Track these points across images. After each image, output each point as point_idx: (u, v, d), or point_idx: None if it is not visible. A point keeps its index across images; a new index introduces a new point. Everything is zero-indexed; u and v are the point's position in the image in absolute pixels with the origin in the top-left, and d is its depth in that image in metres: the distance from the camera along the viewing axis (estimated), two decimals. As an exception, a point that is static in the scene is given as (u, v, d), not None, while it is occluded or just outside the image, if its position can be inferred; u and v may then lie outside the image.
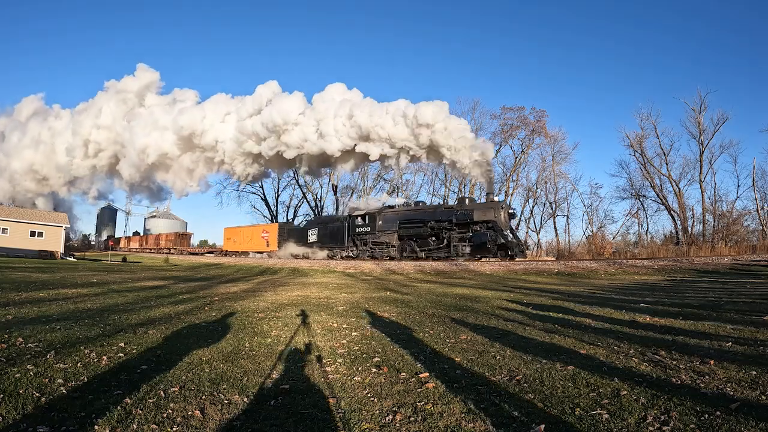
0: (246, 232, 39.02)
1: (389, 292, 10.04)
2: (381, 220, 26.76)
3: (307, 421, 2.54)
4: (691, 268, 14.57)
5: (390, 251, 25.83)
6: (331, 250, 29.37)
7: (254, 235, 37.26)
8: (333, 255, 29.13)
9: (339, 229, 29.02)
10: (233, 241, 40.01)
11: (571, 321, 5.73)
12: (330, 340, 4.72)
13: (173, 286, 11.41)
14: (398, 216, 26.05)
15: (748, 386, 2.92)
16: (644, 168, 39.61)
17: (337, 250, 28.81)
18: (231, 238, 40.46)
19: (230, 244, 40.47)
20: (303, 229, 33.04)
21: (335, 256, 28.87)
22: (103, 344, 4.22)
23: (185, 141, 34.70)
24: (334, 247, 29.18)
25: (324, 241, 30.01)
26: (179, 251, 46.90)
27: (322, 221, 32.12)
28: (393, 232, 25.83)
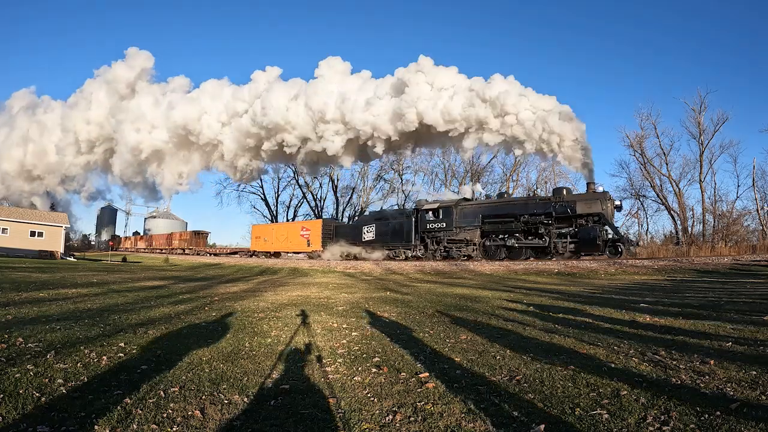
0: (280, 231, 34.98)
1: (389, 292, 10.04)
2: (458, 215, 23.21)
3: (307, 421, 2.54)
4: (691, 268, 14.57)
5: (468, 250, 22.54)
6: (392, 249, 25.86)
7: (291, 234, 33.31)
8: (395, 255, 25.70)
9: (403, 226, 25.37)
10: (264, 240, 35.73)
11: (571, 321, 5.73)
12: (330, 340, 4.72)
13: (173, 286, 11.41)
14: (481, 209, 22.72)
15: (748, 386, 2.92)
16: (644, 168, 39.59)
17: (401, 249, 25.39)
18: (261, 237, 36.11)
19: (259, 243, 36.05)
20: (355, 226, 29.52)
21: (397, 256, 25.45)
22: (103, 344, 4.22)
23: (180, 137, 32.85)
24: (396, 246, 25.68)
25: (383, 239, 26.36)
26: (195, 251, 43.22)
27: (381, 216, 28.11)
28: (474, 228, 22.51)
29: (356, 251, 27.84)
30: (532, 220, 20.57)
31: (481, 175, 46.76)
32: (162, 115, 32.69)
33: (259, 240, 36.21)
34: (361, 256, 27.21)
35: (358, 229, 28.67)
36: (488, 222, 22.14)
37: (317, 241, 30.70)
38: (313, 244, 31.03)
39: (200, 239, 45.35)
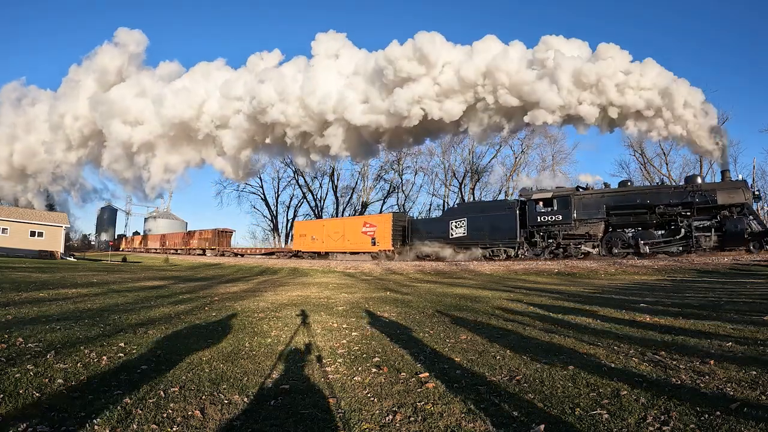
0: (335, 227, 29.96)
1: (389, 292, 10.04)
2: (577, 206, 19.87)
3: (307, 421, 2.54)
4: (691, 268, 14.56)
5: (588, 247, 19.46)
6: (490, 248, 21.92)
7: (349, 231, 28.39)
8: (493, 255, 21.74)
9: (504, 220, 21.51)
10: (311, 239, 30.91)
11: (571, 321, 5.73)
12: (330, 340, 4.72)
13: (173, 286, 11.41)
14: (605, 199, 19.52)
15: (748, 386, 2.92)
16: (644, 168, 39.67)
17: (501, 247, 21.55)
18: (306, 235, 31.39)
19: (305, 242, 31.33)
20: (440, 221, 25.10)
21: (496, 256, 21.52)
22: (103, 344, 4.22)
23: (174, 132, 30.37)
24: (495, 244, 21.77)
25: (478, 235, 22.33)
26: (219, 252, 39.13)
27: (475, 208, 23.99)
28: (598, 222, 19.42)
29: (441, 251, 23.50)
30: (668, 212, 17.93)
31: (481, 175, 46.79)
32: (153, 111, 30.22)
33: (304, 238, 31.36)
34: (447, 257, 22.94)
35: (443, 224, 24.12)
36: (615, 214, 19.05)
37: (386, 240, 25.95)
38: (380, 243, 26.17)
39: (224, 239, 40.69)
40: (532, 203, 20.77)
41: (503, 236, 21.50)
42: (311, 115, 26.54)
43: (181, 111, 28.98)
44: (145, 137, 30.64)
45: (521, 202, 21.39)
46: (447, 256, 23.02)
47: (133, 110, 30.25)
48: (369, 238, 26.98)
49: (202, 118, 29.76)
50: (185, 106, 28.94)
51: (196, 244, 41.81)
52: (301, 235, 31.83)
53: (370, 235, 27.02)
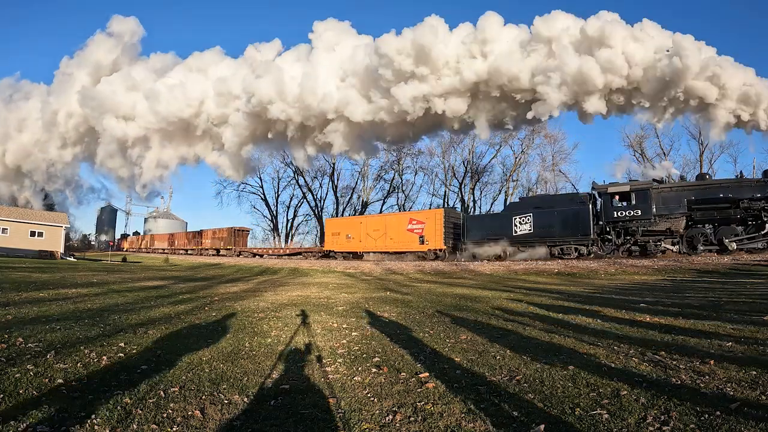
0: (375, 224, 26.92)
1: (389, 292, 10.04)
2: (656, 200, 18.41)
3: (307, 421, 2.54)
4: (691, 268, 14.56)
5: (668, 243, 18.19)
6: (559, 245, 19.99)
7: (392, 228, 25.64)
8: (561, 253, 19.83)
9: (576, 214, 19.62)
10: (346, 237, 28.01)
11: (571, 321, 5.73)
12: (330, 340, 4.72)
13: (173, 286, 11.41)
14: (685, 193, 18.21)
15: (748, 386, 2.92)
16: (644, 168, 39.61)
17: (572, 245, 19.67)
18: (340, 234, 28.44)
19: (338, 242, 28.43)
20: (500, 217, 22.80)
21: (566, 255, 19.63)
22: (103, 344, 4.22)
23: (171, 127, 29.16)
24: (565, 241, 19.85)
25: (546, 232, 20.45)
26: (235, 252, 36.59)
27: (542, 202, 21.84)
28: (678, 217, 18.09)
29: (502, 250, 21.48)
30: (753, 206, 16.81)
31: (481, 175, 46.80)
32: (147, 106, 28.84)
33: (337, 237, 28.48)
34: (510, 257, 21.06)
35: (505, 220, 21.96)
36: (697, 208, 17.79)
37: (437, 238, 23.49)
38: (431, 241, 23.70)
39: (240, 238, 38.01)
40: (608, 197, 19.13)
41: (575, 233, 19.63)
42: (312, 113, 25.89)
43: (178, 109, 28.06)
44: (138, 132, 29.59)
45: (593, 196, 19.95)
46: (510, 255, 21.14)
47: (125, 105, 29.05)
48: (416, 236, 24.32)
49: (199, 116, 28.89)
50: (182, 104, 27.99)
51: (209, 244, 39.12)
52: (334, 234, 28.76)
53: (417, 233, 24.33)
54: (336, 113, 25.42)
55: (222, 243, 37.95)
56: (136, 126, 29.34)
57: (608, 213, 19.13)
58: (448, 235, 23.56)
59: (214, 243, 38.85)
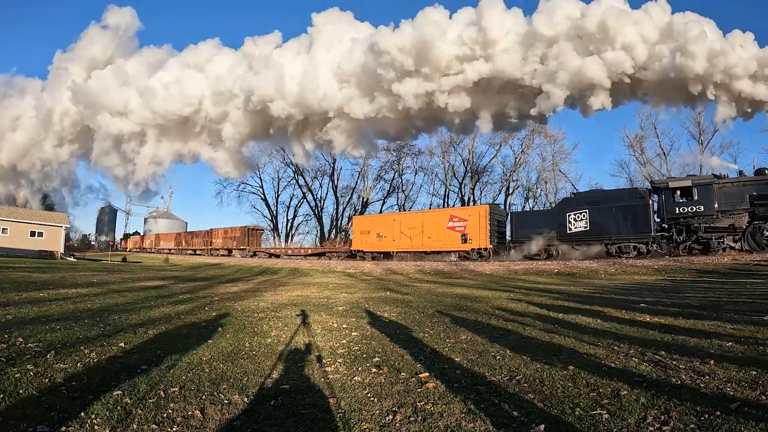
0: (410, 222, 24.99)
1: (389, 292, 10.04)
2: (719, 195, 17.58)
3: (307, 421, 2.54)
4: (691, 268, 14.56)
5: (729, 240, 17.35)
6: (617, 243, 18.84)
7: (431, 226, 23.82)
8: (619, 252, 18.74)
9: (635, 211, 18.55)
10: (377, 236, 26.02)
11: (571, 321, 5.73)
12: (330, 340, 4.72)
13: (173, 286, 11.41)
14: (747, 188, 17.36)
15: (748, 386, 2.92)
16: (644, 168, 39.63)
17: (631, 243, 18.56)
18: (371, 232, 26.45)
19: (368, 241, 26.42)
20: (553, 213, 21.34)
21: (625, 253, 18.58)
22: (103, 344, 4.22)
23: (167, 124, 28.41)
24: (622, 239, 18.71)
25: (602, 230, 19.25)
26: (249, 252, 35.03)
27: (598, 198, 20.46)
28: (741, 213, 17.21)
29: (555, 249, 20.21)
30: None
31: (481, 175, 46.80)
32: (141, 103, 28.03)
33: (367, 236, 26.52)
34: (564, 256, 19.78)
35: (558, 216, 20.50)
36: (760, 204, 16.86)
37: (481, 236, 21.82)
38: (474, 240, 22.01)
39: (254, 237, 36.28)
40: (668, 192, 18.15)
41: (633, 230, 18.55)
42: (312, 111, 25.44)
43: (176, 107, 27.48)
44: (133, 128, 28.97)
45: (653, 191, 19.00)
46: (564, 254, 19.88)
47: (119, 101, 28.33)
48: (458, 234, 22.55)
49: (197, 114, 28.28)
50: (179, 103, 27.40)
51: (220, 244, 37.38)
52: (363, 233, 26.74)
53: (459, 230, 22.55)
54: (337, 111, 25.02)
55: (235, 243, 36.20)
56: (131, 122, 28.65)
57: (669, 209, 18.11)
58: (493, 233, 22.14)
59: (225, 243, 37.21)
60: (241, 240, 35.72)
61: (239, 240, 35.91)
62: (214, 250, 38.07)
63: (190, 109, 27.92)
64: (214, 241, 38.72)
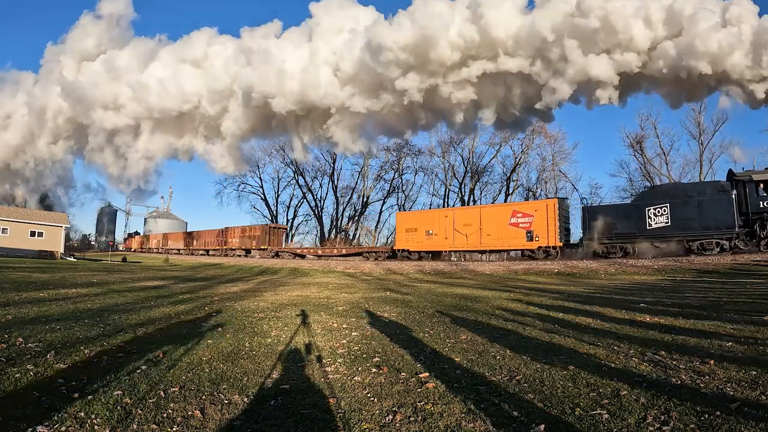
0: (466, 218, 22.66)
1: (389, 292, 10.04)
2: None
3: (307, 421, 2.54)
4: (691, 268, 14.56)
5: None
6: (699, 239, 17.51)
7: (490, 222, 21.55)
8: (703, 249, 17.42)
9: (717, 205, 17.19)
10: (426, 234, 23.76)
11: (571, 321, 5.73)
12: (330, 340, 4.72)
13: (173, 286, 11.41)
14: None
15: (748, 386, 2.92)
16: (644, 168, 39.63)
17: (715, 239, 17.26)
18: (418, 230, 24.14)
19: (416, 239, 24.16)
20: (630, 208, 19.53)
21: (707, 250, 17.30)
22: (103, 344, 4.22)
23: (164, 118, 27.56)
24: (704, 236, 17.40)
25: (684, 225, 17.72)
26: (272, 252, 32.34)
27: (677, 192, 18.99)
28: None
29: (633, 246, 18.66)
30: None
31: (481, 175, 46.79)
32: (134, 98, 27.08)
33: (413, 234, 24.23)
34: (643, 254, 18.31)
35: (636, 211, 18.83)
36: None
37: (549, 233, 19.85)
38: (540, 237, 20.05)
39: (275, 236, 33.76)
40: (752, 186, 17.04)
41: (716, 226, 17.26)
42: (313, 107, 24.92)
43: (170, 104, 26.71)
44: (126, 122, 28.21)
45: (737, 184, 17.75)
46: (643, 252, 18.32)
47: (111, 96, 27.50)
48: (522, 231, 20.57)
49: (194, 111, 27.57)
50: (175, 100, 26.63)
51: (238, 244, 34.93)
52: (409, 230, 24.37)
53: (524, 227, 20.55)
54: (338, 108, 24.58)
55: (254, 242, 33.49)
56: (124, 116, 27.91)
57: (753, 204, 16.88)
58: (562, 230, 20.29)
59: (243, 242, 34.73)
60: (262, 239, 33.14)
61: (259, 239, 33.28)
62: (230, 251, 35.68)
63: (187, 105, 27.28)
64: (230, 241, 36.22)
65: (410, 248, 24.44)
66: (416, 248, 24.30)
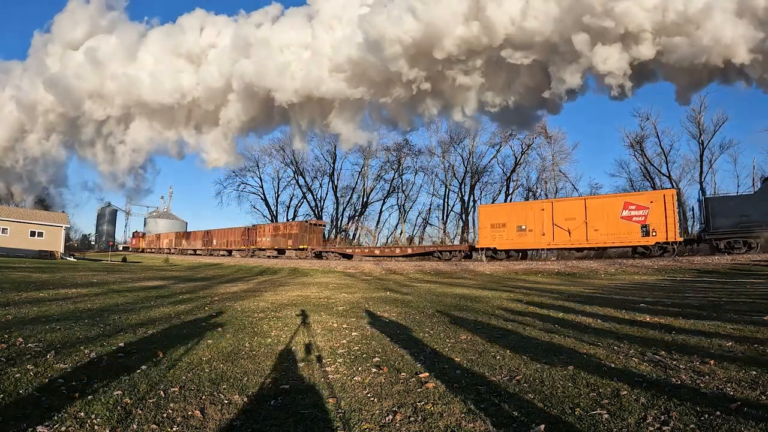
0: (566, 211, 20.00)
1: (389, 292, 10.04)
2: None
3: (307, 421, 2.54)
4: (691, 268, 14.56)
5: None
6: None
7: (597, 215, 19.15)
8: None
9: None
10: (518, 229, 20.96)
11: (571, 321, 5.73)
12: (330, 340, 4.72)
13: (173, 286, 11.41)
14: None
15: (748, 386, 2.92)
16: (644, 168, 39.61)
17: None
18: (507, 225, 21.24)
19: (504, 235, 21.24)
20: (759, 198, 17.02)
21: None
22: (103, 344, 4.22)
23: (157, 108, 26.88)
24: None
25: None
26: (313, 252, 28.96)
27: None
28: None
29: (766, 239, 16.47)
30: None
31: (481, 175, 46.78)
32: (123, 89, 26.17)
33: (501, 230, 21.27)
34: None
35: None
36: None
37: (669, 227, 17.65)
38: (658, 232, 17.77)
39: (315, 234, 30.24)
40: None
41: None
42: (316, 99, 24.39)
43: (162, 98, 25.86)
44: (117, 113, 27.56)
45: None
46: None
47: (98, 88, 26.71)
48: (636, 225, 18.28)
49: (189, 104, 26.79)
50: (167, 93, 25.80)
51: (269, 243, 31.26)
52: (496, 226, 21.33)
53: (638, 221, 18.22)
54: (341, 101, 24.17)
55: (290, 241, 29.67)
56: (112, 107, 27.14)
57: None
58: (681, 224, 18.25)
59: (275, 242, 30.90)
60: (299, 238, 29.28)
61: (296, 238, 29.34)
62: (259, 251, 31.96)
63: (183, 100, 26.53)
64: (260, 240, 32.34)
65: (497, 246, 21.33)
66: (505, 246, 21.19)
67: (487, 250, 21.68)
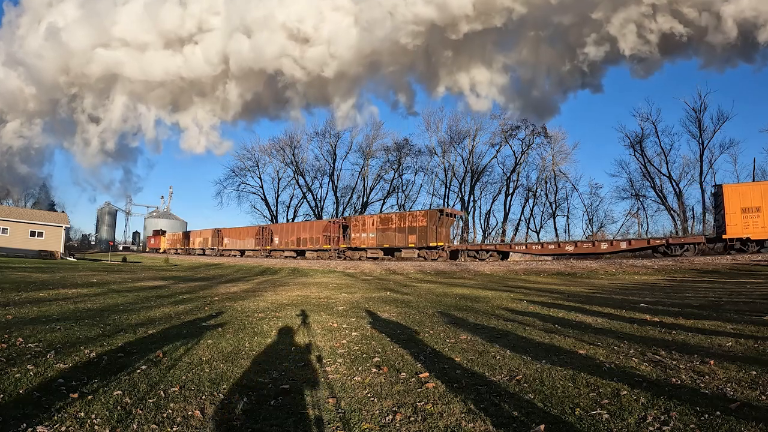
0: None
1: (389, 292, 10.04)
2: None
3: (307, 421, 2.54)
4: (691, 268, 14.56)
5: None
6: None
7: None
8: None
9: None
10: None
11: (571, 321, 5.73)
12: (330, 340, 4.72)
13: (173, 286, 11.41)
14: None
15: (748, 386, 2.92)
16: (644, 168, 39.63)
17: None
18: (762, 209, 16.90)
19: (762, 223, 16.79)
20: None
21: None
22: (103, 344, 4.22)
23: None
24: None
25: None
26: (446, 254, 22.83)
27: None
28: None
29: None
30: None
31: (481, 175, 46.77)
32: None
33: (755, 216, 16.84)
34: None
35: None
36: None
37: None
38: None
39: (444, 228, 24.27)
40: None
41: None
42: None
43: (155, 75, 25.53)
44: None
45: None
46: None
47: None
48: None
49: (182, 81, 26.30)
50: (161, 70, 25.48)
51: (294, 244, 26.66)
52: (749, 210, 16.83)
53: None
54: None
55: (321, 241, 25.60)
56: None
57: None
58: None
59: (304, 242, 26.06)
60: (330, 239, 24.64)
61: (327, 239, 24.26)
62: (274, 251, 26.57)
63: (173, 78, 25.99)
64: (303, 239, 26.48)
65: (752, 236, 16.74)
66: (761, 235, 16.69)
67: (735, 240, 17.35)
